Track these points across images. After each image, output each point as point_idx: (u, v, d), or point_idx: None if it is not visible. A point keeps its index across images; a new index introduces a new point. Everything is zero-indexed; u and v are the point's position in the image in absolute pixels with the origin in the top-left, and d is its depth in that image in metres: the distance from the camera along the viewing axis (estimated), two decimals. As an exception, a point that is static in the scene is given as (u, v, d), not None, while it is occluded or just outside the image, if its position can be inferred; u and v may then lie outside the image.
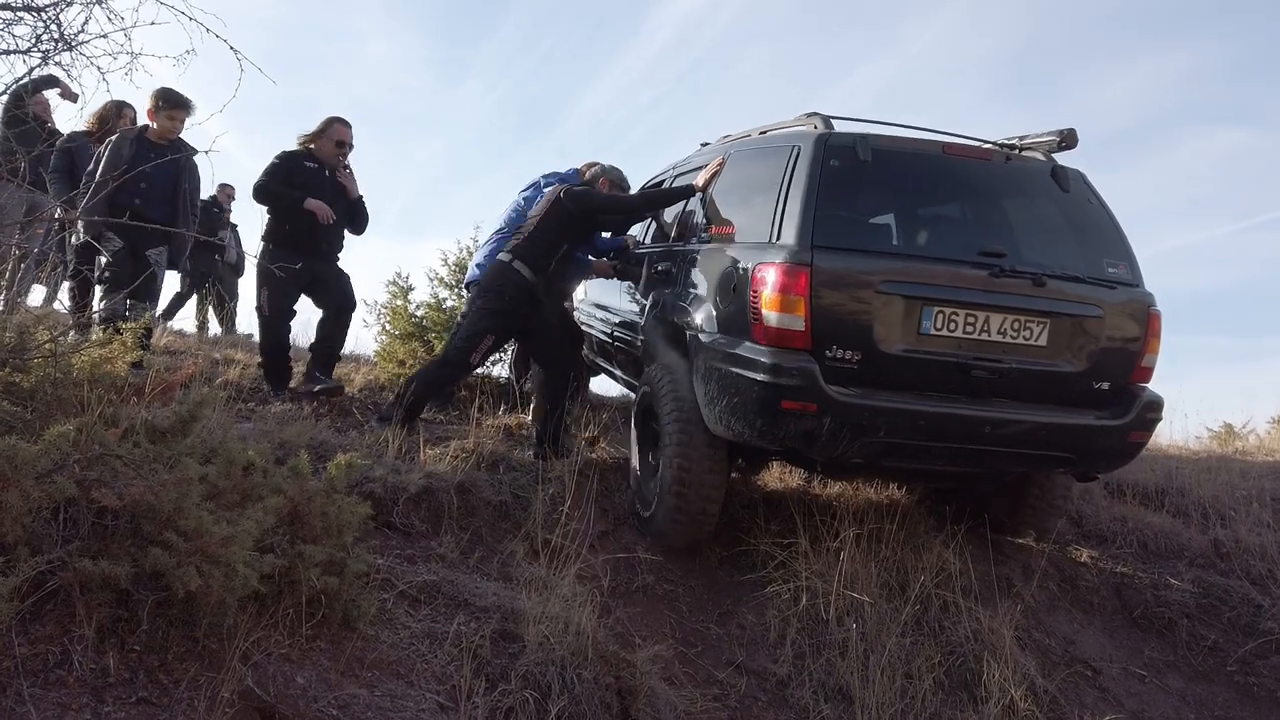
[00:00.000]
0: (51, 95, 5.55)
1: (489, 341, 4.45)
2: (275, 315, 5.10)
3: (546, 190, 5.24)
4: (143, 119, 5.11)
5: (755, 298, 3.28)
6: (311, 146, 5.09)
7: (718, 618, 3.57)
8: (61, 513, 2.06)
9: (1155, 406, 3.51)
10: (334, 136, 5.09)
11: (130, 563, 1.97)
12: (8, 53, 2.57)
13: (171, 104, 4.86)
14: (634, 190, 5.27)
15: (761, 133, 4.21)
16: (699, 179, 4.32)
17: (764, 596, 3.60)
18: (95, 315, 4.24)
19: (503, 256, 4.50)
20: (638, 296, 4.78)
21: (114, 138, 4.85)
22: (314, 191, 4.97)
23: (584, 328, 5.91)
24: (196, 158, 4.95)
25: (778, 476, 4.64)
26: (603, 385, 6.75)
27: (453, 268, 6.55)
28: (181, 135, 5.00)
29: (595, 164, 5.32)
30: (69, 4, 2.67)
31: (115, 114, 5.42)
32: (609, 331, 5.29)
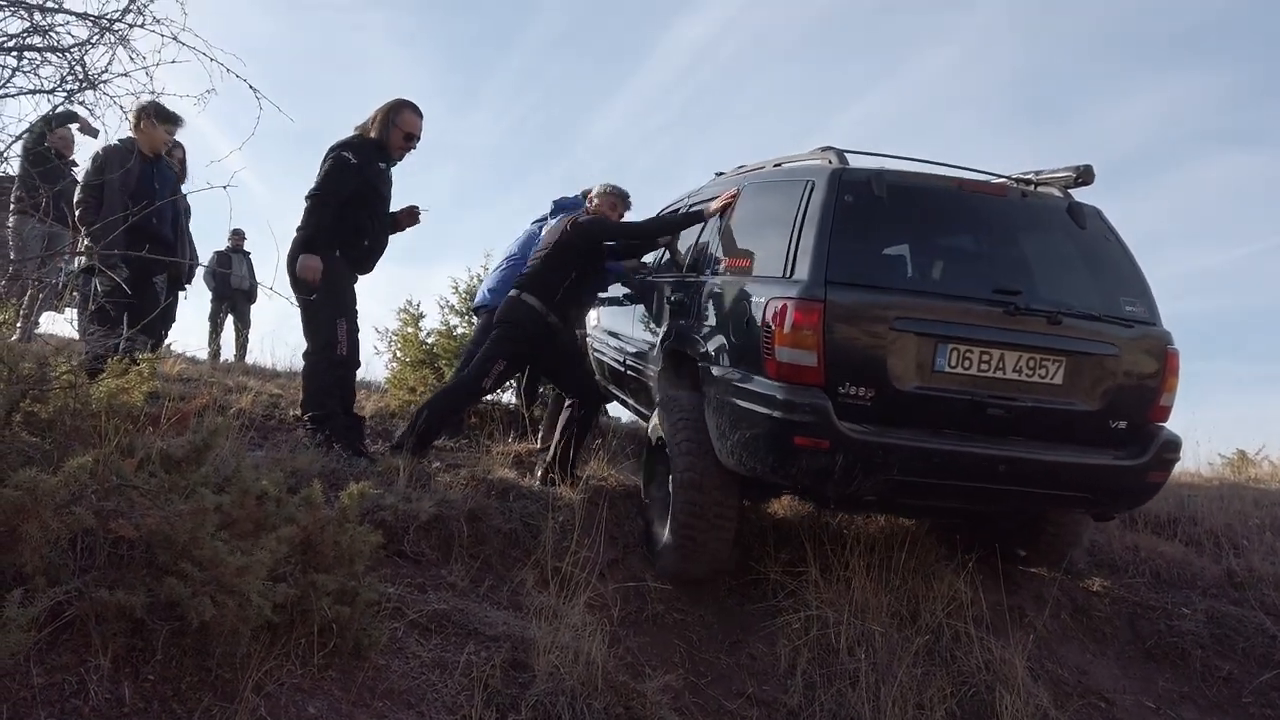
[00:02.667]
0: (72, 130, 5.65)
1: (500, 366, 4.50)
2: (354, 355, 4.33)
3: (555, 220, 5.32)
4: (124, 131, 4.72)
5: (768, 332, 3.26)
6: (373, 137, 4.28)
7: (728, 647, 3.56)
8: (79, 543, 2.09)
9: (1173, 446, 3.47)
10: (404, 127, 4.31)
11: (146, 592, 2.00)
12: (34, 92, 2.64)
13: (165, 119, 4.67)
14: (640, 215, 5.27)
15: (776, 165, 4.23)
16: (711, 206, 4.35)
17: (774, 626, 3.59)
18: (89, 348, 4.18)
19: (513, 292, 4.59)
20: (651, 326, 4.80)
21: (102, 150, 4.56)
22: (384, 198, 4.32)
23: (596, 354, 5.95)
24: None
25: (788, 505, 4.63)
26: (613, 410, 6.77)
27: (464, 295, 6.63)
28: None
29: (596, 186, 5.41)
30: (93, 45, 2.73)
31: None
32: (621, 360, 5.30)
